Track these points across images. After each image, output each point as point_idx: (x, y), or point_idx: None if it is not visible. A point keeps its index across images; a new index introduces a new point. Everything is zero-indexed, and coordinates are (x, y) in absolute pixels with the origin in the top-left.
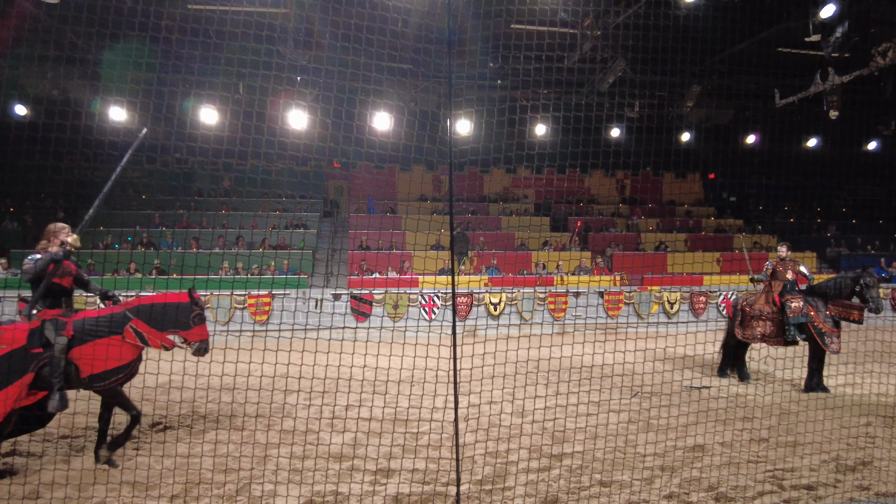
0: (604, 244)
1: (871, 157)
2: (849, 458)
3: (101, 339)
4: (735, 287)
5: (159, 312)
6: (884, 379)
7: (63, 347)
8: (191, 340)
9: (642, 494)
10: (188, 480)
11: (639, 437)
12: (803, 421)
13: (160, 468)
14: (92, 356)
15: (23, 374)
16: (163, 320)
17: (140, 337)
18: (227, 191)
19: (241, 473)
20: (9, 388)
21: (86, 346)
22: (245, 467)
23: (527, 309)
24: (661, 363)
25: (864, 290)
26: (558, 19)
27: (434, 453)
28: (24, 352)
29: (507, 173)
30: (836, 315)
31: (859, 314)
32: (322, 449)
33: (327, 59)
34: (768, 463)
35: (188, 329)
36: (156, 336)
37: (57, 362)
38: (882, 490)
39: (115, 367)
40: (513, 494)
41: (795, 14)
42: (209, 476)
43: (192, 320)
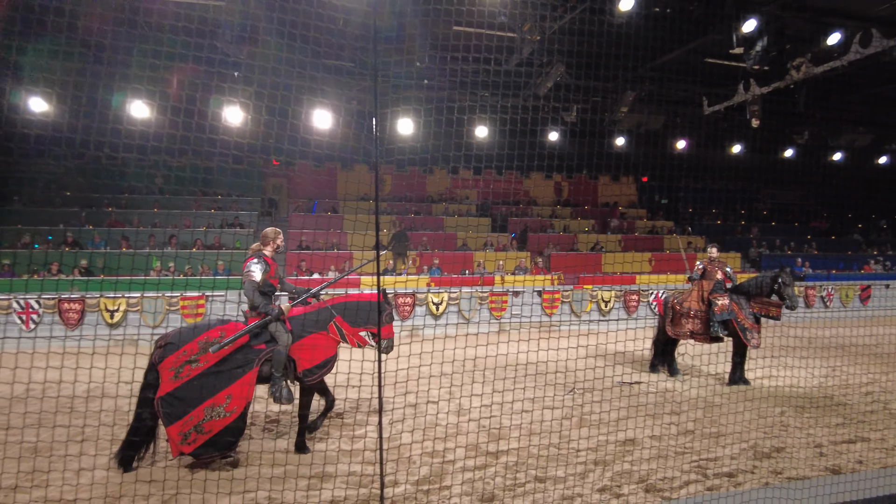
0: (542, 245)
1: (787, 164)
2: (765, 446)
3: (313, 335)
4: (666, 286)
5: (356, 311)
6: (796, 371)
7: (288, 344)
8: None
9: (576, 489)
10: (108, 494)
11: (574, 433)
12: (726, 413)
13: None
14: (309, 350)
15: (249, 370)
16: (357, 318)
17: (340, 333)
18: (160, 188)
19: (167, 483)
20: (239, 381)
21: (300, 343)
22: (172, 477)
23: (467, 308)
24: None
25: (782, 289)
26: (498, 23)
27: (371, 456)
28: (250, 348)
29: (449, 174)
30: (758, 312)
31: (778, 311)
32: (257, 455)
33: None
34: (694, 454)
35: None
36: (352, 335)
37: (281, 357)
38: (793, 474)
39: (323, 362)
40: (450, 494)
41: (721, 27)
42: (132, 489)
43: (385, 318)
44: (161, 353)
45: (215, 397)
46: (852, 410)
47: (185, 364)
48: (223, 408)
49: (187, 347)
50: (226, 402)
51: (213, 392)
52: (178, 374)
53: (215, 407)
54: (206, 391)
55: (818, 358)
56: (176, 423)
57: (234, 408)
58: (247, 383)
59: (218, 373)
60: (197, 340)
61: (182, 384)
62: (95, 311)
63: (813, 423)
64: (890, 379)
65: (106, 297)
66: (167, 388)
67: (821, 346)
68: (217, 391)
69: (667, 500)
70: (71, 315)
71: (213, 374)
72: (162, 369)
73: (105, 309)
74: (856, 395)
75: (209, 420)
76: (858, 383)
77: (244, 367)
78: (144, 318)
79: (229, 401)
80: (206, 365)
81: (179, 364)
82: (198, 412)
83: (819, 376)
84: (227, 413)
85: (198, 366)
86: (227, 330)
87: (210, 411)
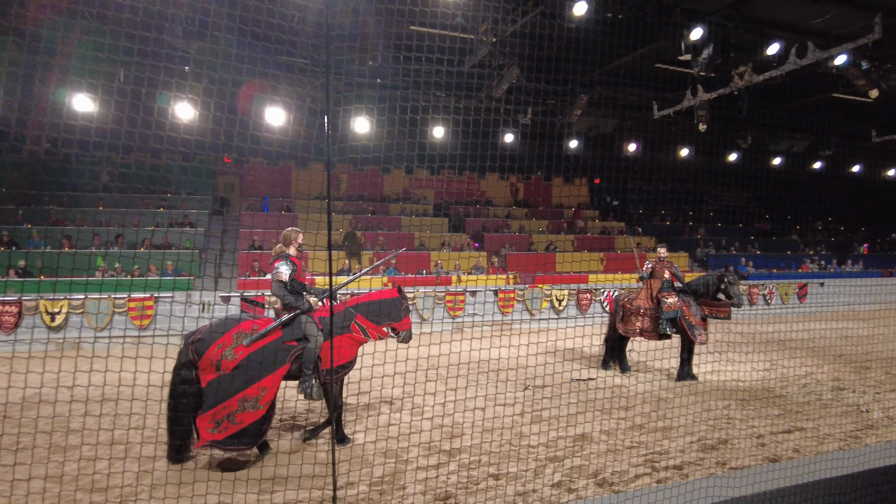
0: (498, 244)
1: (732, 168)
2: (711, 438)
3: (338, 336)
4: (617, 284)
5: (377, 308)
6: (740, 366)
7: (321, 343)
8: (400, 331)
9: (531, 485)
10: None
11: (529, 429)
12: (675, 407)
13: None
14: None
15: (281, 365)
16: (379, 315)
17: (363, 331)
18: (106, 185)
19: (112, 492)
20: (272, 375)
21: (326, 343)
22: (116, 484)
23: (425, 308)
24: (549, 357)
25: (728, 288)
26: (455, 24)
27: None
28: (281, 343)
29: (406, 174)
30: (709, 314)
31: (727, 311)
32: (208, 459)
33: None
34: (644, 448)
35: (399, 321)
36: (375, 329)
37: (312, 356)
38: (736, 464)
39: (347, 362)
40: (404, 494)
41: (670, 34)
42: (76, 497)
43: (402, 312)
44: (195, 349)
45: (249, 389)
46: (790, 402)
47: (221, 357)
48: (257, 400)
49: (222, 340)
50: (260, 395)
51: (248, 384)
52: (219, 366)
53: (248, 399)
54: (240, 382)
55: (760, 353)
56: (208, 411)
57: (266, 402)
58: (278, 378)
59: (252, 365)
60: (231, 333)
61: (218, 377)
62: (34, 313)
63: (755, 415)
64: (823, 371)
65: (46, 298)
66: (209, 379)
67: (762, 341)
68: (252, 383)
69: (618, 493)
70: (6, 318)
71: (247, 366)
72: (202, 366)
73: (45, 311)
74: (793, 387)
75: (242, 411)
76: (795, 376)
77: (277, 361)
78: (89, 321)
79: (263, 393)
80: (240, 357)
81: (218, 357)
82: (231, 403)
83: (761, 370)
84: (261, 406)
85: (234, 357)
86: (259, 324)
87: (244, 403)
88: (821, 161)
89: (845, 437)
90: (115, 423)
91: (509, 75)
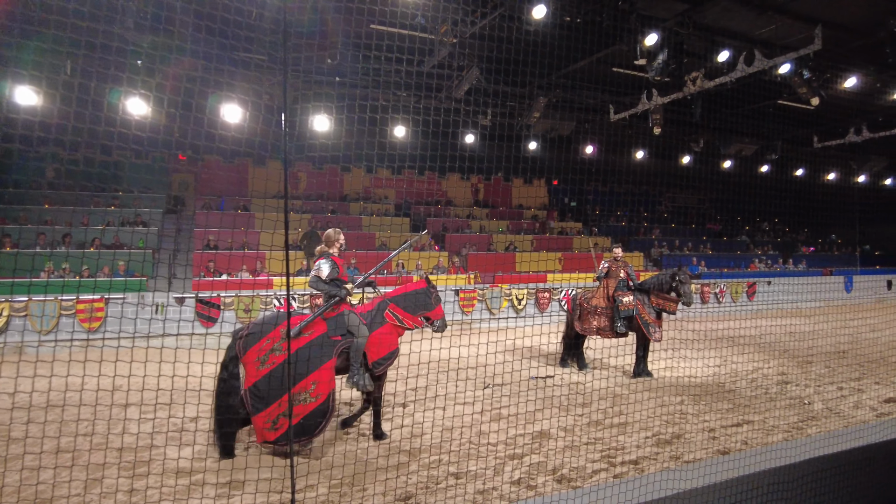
0: (459, 244)
1: (685, 170)
2: (666, 433)
3: (380, 329)
4: (574, 284)
5: (410, 299)
6: (693, 363)
7: (366, 336)
8: (435, 319)
9: (491, 483)
10: None
11: (489, 427)
12: (631, 403)
13: None
14: (376, 343)
15: (328, 359)
16: (414, 305)
17: (398, 320)
18: (52, 182)
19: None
20: (321, 369)
21: (372, 335)
22: (62, 495)
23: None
24: (509, 355)
25: (679, 286)
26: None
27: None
28: (327, 338)
29: (367, 173)
30: (657, 306)
31: (674, 306)
32: (162, 464)
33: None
34: (602, 443)
35: (432, 310)
36: (410, 318)
37: (360, 349)
38: (689, 458)
39: (390, 353)
40: (364, 495)
41: (626, 39)
42: None
43: (434, 301)
44: (244, 343)
45: (300, 384)
46: (739, 396)
47: (269, 353)
48: (308, 393)
49: (270, 336)
50: (311, 388)
51: (298, 379)
52: (264, 363)
53: (301, 393)
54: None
55: (712, 349)
56: (263, 412)
57: (319, 393)
58: (328, 370)
59: (300, 360)
60: (279, 329)
61: (267, 373)
62: None
63: (707, 409)
64: (770, 366)
65: None
66: (253, 379)
67: (714, 338)
68: (301, 378)
69: (576, 489)
70: None
71: (295, 361)
72: (246, 361)
73: None
74: (742, 382)
75: (296, 405)
76: (745, 371)
77: (324, 355)
78: (33, 324)
79: (315, 386)
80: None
81: (264, 353)
82: (284, 399)
83: (712, 366)
84: (313, 398)
85: (281, 353)
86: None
87: (296, 397)
88: (768, 164)
89: (790, 429)
90: (61, 430)
91: (469, 76)
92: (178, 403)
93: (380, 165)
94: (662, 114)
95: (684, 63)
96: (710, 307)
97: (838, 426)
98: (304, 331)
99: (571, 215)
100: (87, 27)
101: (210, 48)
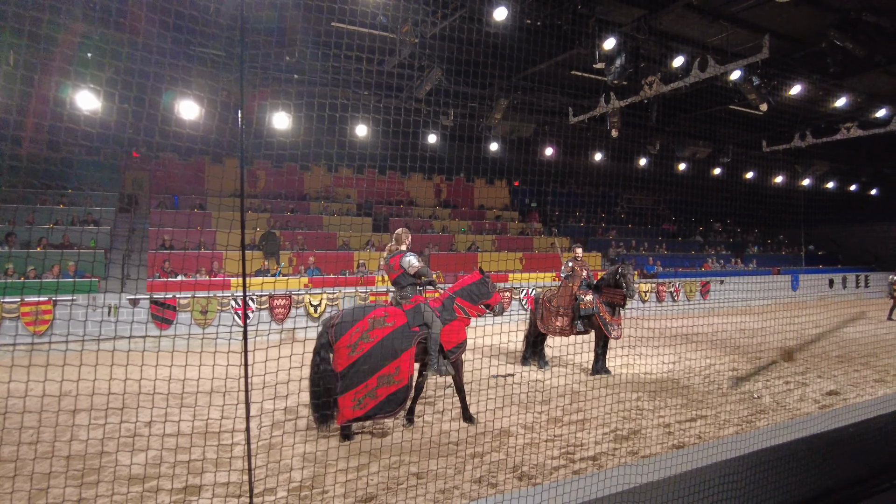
0: (422, 244)
1: (642, 172)
2: (623, 429)
3: (452, 322)
4: (535, 283)
5: (473, 290)
6: (650, 360)
7: (440, 328)
8: (493, 305)
9: (453, 481)
10: None
11: (450, 426)
12: (590, 399)
13: None
14: (448, 335)
15: (409, 347)
16: (476, 295)
17: (463, 311)
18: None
19: None
20: (403, 356)
21: (444, 327)
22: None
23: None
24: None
25: (622, 279)
26: (378, 23)
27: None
28: (407, 329)
29: (328, 172)
30: (608, 302)
31: (621, 299)
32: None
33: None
34: (562, 440)
35: (490, 297)
36: (474, 308)
37: (436, 338)
38: (646, 453)
39: (460, 343)
40: (325, 498)
41: (586, 43)
42: None
43: (490, 289)
44: (335, 331)
45: (385, 368)
46: (693, 392)
47: (359, 340)
48: (392, 376)
49: (360, 324)
50: (395, 372)
51: (383, 364)
52: (355, 348)
53: (385, 376)
54: (377, 362)
55: (668, 347)
56: (349, 391)
57: (402, 377)
58: (409, 357)
59: (386, 346)
60: (367, 318)
61: (358, 357)
62: None
63: (663, 405)
64: (723, 362)
65: None
66: (345, 363)
67: (670, 336)
68: (387, 362)
69: (536, 486)
70: None
71: (381, 347)
72: (338, 347)
73: None
74: (697, 378)
75: (381, 386)
76: (699, 367)
77: (405, 344)
78: None
79: (398, 371)
80: (375, 340)
81: (354, 340)
82: (372, 381)
83: (668, 363)
84: (397, 381)
85: (370, 340)
86: (389, 312)
87: (381, 379)
88: (720, 167)
89: (741, 422)
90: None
91: (431, 77)
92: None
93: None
94: (620, 117)
95: (641, 67)
96: (665, 305)
97: (784, 418)
98: (387, 321)
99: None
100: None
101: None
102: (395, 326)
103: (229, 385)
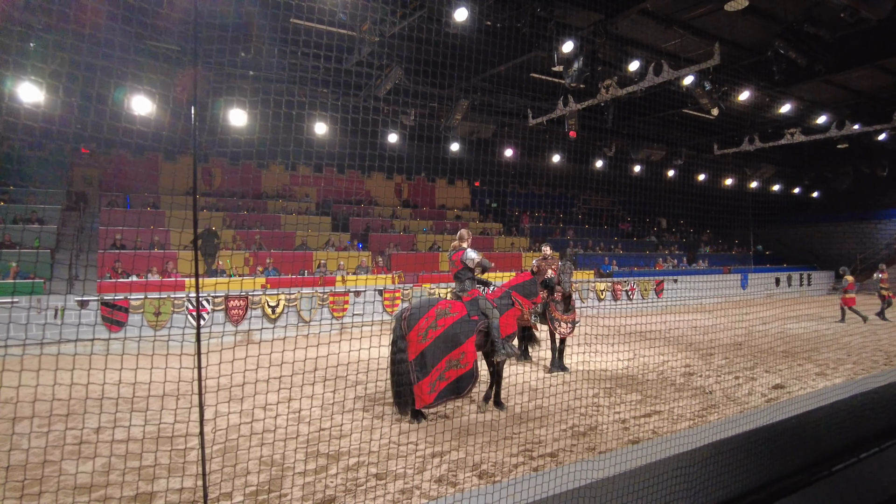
0: (383, 244)
1: (598, 174)
2: (581, 426)
3: (506, 313)
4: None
5: (527, 287)
6: (607, 357)
7: (498, 317)
8: (538, 303)
9: (414, 481)
10: None
11: (410, 426)
12: (548, 396)
13: None
14: (503, 324)
15: (472, 335)
16: (528, 292)
17: (518, 303)
18: None
19: None
20: (467, 343)
21: (501, 317)
22: None
23: (306, 309)
24: None
25: (561, 276)
26: (338, 20)
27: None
28: (468, 318)
29: (286, 170)
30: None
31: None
32: (60, 481)
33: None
34: (521, 438)
35: (537, 296)
36: (527, 303)
37: (497, 326)
38: (603, 448)
39: (512, 332)
40: (282, 501)
41: (545, 46)
42: None
43: (538, 289)
44: (407, 323)
45: (452, 353)
46: (649, 388)
47: (428, 329)
48: (459, 361)
49: (428, 314)
50: (461, 357)
51: (451, 349)
52: (424, 338)
53: (452, 360)
54: (445, 348)
55: (624, 344)
56: (424, 378)
57: (467, 362)
58: (472, 344)
59: (452, 334)
60: (434, 309)
61: (429, 345)
62: None
63: (619, 401)
64: (676, 359)
65: None
66: (417, 350)
67: (626, 333)
68: (454, 348)
69: (496, 483)
70: None
71: (447, 335)
72: (410, 337)
73: None
74: (652, 374)
75: (449, 370)
76: (653, 364)
77: (468, 332)
78: None
79: (464, 356)
80: (442, 329)
81: (424, 329)
82: (441, 365)
83: (624, 360)
84: (462, 365)
85: (437, 329)
86: (452, 303)
87: (449, 363)
88: (674, 169)
89: (694, 417)
90: None
91: (392, 76)
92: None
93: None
94: (578, 119)
95: (598, 71)
96: (621, 304)
97: (734, 412)
98: (451, 311)
99: (493, 216)
100: None
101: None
102: (458, 317)
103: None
